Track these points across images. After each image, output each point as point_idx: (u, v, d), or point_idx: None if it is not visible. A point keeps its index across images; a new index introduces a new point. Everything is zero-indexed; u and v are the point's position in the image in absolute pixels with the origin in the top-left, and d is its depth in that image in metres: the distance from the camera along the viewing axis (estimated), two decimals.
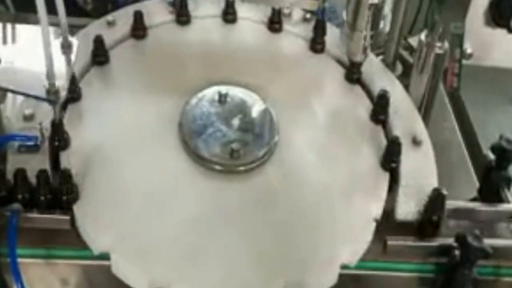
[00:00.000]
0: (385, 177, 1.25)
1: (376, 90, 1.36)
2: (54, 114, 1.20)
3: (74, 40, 1.24)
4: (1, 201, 1.13)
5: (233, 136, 1.26)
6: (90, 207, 1.15)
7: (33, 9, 1.11)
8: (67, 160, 1.20)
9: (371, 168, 1.26)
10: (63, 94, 1.17)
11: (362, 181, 1.25)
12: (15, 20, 1.65)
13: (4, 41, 1.62)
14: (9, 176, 1.14)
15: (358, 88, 1.39)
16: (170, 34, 1.45)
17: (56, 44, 1.21)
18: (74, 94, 1.28)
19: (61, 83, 1.17)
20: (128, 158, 1.23)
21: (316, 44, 1.45)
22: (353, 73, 1.39)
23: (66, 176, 1.14)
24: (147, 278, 1.10)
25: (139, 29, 1.42)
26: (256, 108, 1.31)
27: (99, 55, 1.36)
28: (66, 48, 1.23)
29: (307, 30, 1.46)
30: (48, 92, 1.15)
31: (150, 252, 1.12)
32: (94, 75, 1.35)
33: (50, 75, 1.13)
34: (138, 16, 1.41)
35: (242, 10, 1.49)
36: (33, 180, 1.14)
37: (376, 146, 1.29)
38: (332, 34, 1.45)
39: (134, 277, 1.11)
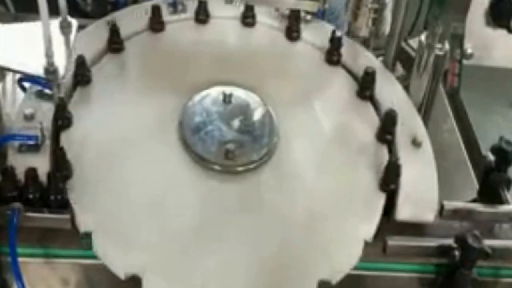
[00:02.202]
0: (381, 199, 1.24)
1: (376, 91, 1.36)
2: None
3: (73, 21, 1.24)
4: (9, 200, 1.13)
5: (230, 137, 1.26)
6: (89, 205, 1.16)
7: (33, 9, 1.11)
8: (67, 143, 1.21)
9: (368, 188, 1.25)
10: (62, 73, 1.17)
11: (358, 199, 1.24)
12: (15, 20, 1.64)
13: None
14: None
15: (368, 104, 1.38)
16: (185, 32, 1.45)
17: (55, 24, 1.20)
18: (84, 77, 1.30)
19: (60, 62, 1.16)
20: (127, 154, 1.24)
21: (332, 56, 1.43)
22: (365, 89, 1.37)
23: (60, 154, 1.15)
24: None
25: (156, 23, 1.43)
26: (258, 111, 1.31)
27: (115, 42, 1.37)
28: (65, 28, 1.22)
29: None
30: (46, 71, 1.14)
31: (149, 252, 1.13)
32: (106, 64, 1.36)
33: (48, 54, 1.13)
34: (156, 10, 1.42)
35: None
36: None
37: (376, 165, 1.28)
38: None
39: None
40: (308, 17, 1.49)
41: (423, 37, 1.34)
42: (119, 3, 1.55)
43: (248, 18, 1.47)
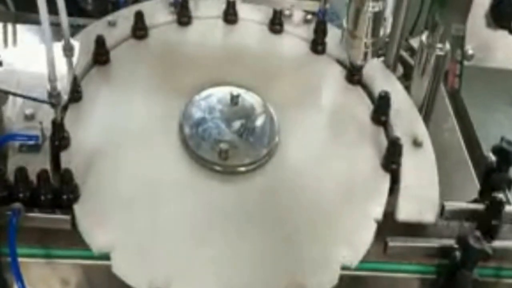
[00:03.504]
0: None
1: (377, 91, 1.36)
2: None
3: (75, 43, 1.24)
4: (2, 201, 1.12)
5: (227, 137, 1.26)
6: (91, 207, 1.15)
7: (33, 8, 1.11)
8: (68, 159, 1.20)
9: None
10: (65, 96, 1.17)
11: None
12: (16, 20, 1.64)
13: (5, 41, 1.62)
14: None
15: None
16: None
17: (57, 46, 1.21)
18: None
19: (63, 85, 1.17)
20: (128, 157, 1.24)
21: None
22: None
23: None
24: (147, 278, 1.09)
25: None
26: (261, 117, 1.31)
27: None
28: (67, 50, 1.23)
29: (308, 32, 1.46)
30: (50, 94, 1.15)
31: (150, 252, 1.13)
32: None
33: (51, 77, 1.13)
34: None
35: (243, 11, 1.49)
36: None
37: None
38: (333, 35, 1.45)
39: (134, 277, 1.11)
40: (309, 16, 1.49)
41: (424, 37, 1.33)
42: (120, 2, 1.55)
43: (275, 25, 1.47)
